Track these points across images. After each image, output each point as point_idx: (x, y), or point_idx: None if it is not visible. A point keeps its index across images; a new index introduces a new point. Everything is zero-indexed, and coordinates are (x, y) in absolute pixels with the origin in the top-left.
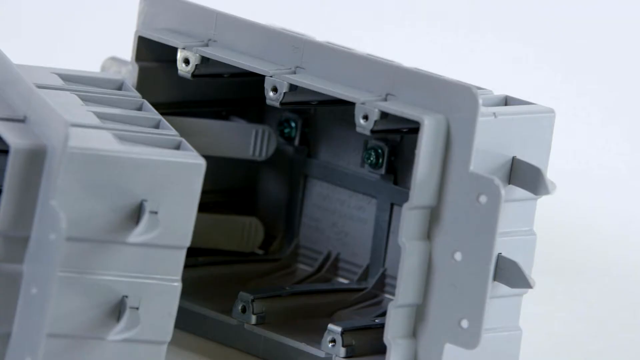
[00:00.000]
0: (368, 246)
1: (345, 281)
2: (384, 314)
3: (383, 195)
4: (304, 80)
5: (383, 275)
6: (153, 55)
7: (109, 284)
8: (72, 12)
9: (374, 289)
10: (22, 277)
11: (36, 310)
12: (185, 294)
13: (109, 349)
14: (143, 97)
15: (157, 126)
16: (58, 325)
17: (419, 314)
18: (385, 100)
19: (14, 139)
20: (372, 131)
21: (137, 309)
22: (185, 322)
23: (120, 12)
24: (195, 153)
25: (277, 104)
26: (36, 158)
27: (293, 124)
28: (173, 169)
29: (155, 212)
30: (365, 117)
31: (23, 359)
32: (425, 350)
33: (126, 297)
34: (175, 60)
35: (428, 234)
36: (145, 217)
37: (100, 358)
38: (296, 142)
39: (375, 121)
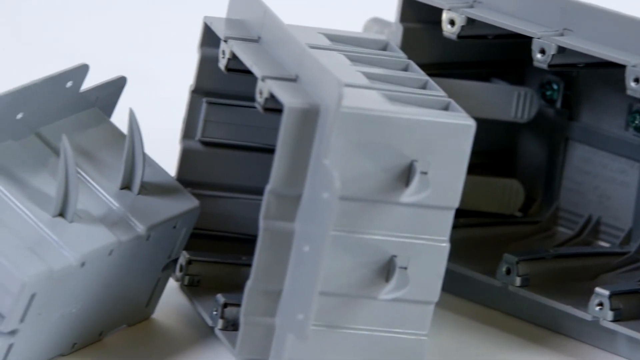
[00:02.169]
0: (630, 210)
1: (606, 245)
2: None
3: None
4: (573, 42)
5: None
6: (418, 16)
7: (379, 244)
8: None
9: (637, 253)
10: (293, 235)
11: (308, 268)
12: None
13: (378, 308)
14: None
15: (424, 87)
16: (329, 284)
17: None
18: None
19: (288, 98)
20: None
21: (406, 268)
22: (446, 283)
23: None
24: (464, 114)
25: (544, 66)
26: (309, 117)
27: (555, 87)
28: (444, 130)
29: (426, 173)
30: (637, 80)
31: (295, 316)
32: None
33: (395, 256)
34: (439, 22)
35: None
36: (416, 178)
37: (369, 317)
38: (558, 104)
39: None
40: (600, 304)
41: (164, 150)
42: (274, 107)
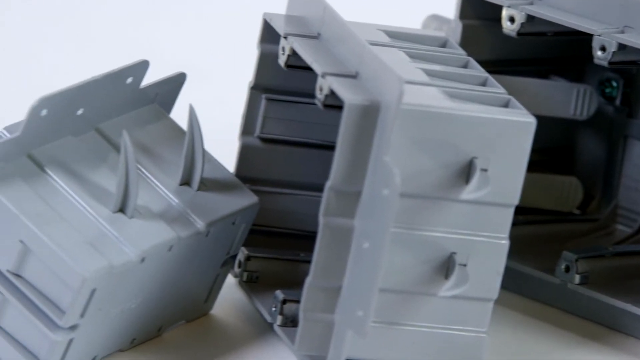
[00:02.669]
0: None
1: None
2: None
3: None
4: (634, 39)
5: None
6: (477, 13)
7: (438, 241)
8: None
9: None
10: (353, 232)
11: (368, 265)
12: None
13: (438, 305)
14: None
15: (484, 84)
16: (389, 280)
17: None
18: None
19: (349, 94)
20: None
21: (466, 265)
22: (505, 280)
23: None
24: (525, 111)
25: (605, 63)
26: (370, 114)
27: (614, 84)
28: (504, 127)
29: (486, 170)
30: None
31: (354, 313)
32: None
33: (455, 253)
34: (499, 19)
35: None
36: (477, 175)
37: (429, 314)
38: (617, 102)
39: None
40: None
41: (223, 146)
42: (334, 104)
